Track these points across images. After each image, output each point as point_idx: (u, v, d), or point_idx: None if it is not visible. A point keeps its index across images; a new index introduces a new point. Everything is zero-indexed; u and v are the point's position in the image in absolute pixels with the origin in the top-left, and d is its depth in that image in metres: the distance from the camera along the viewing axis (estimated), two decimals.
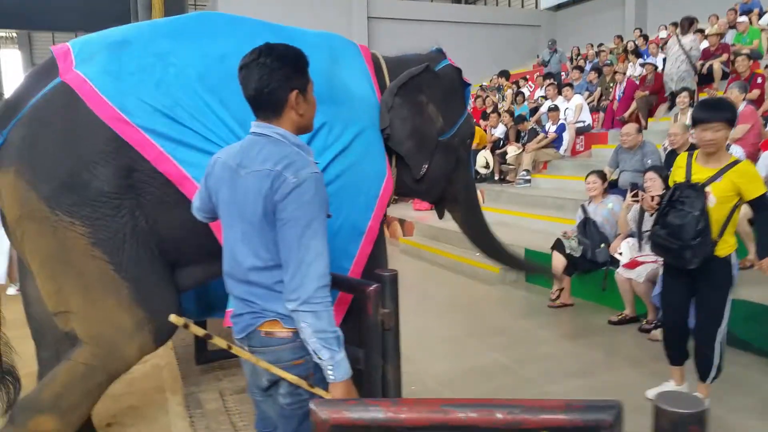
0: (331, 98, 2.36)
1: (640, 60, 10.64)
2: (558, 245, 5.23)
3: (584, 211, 5.27)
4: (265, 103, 1.64)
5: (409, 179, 2.76)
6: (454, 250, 7.15)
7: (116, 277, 2.12)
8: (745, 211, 3.25)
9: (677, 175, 3.07)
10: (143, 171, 2.14)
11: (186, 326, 1.72)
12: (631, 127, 6.13)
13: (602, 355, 4.14)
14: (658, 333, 4.27)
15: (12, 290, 5.87)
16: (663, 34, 12.33)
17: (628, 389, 3.50)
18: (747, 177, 2.91)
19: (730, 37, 9.77)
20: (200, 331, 1.75)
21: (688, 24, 8.88)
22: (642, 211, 4.72)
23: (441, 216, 3.29)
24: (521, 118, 9.63)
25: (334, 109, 2.38)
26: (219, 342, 1.75)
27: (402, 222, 8.91)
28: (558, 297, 5.27)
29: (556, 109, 9.10)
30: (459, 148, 2.92)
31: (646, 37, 12.70)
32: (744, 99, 5.94)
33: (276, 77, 1.61)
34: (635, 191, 4.80)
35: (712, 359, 3.07)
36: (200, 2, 19.40)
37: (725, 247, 2.96)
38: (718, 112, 2.91)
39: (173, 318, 1.70)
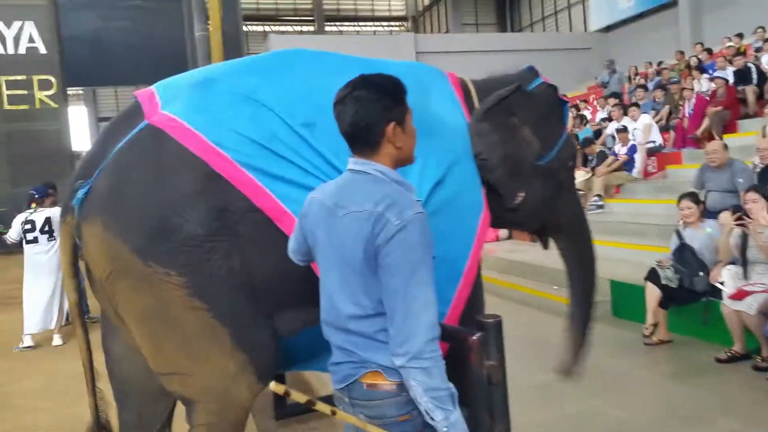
0: (422, 130, 2.17)
1: (706, 75, 10.17)
2: (652, 276, 4.83)
3: (679, 236, 4.87)
4: (362, 137, 1.55)
5: (502, 209, 2.51)
6: (527, 283, 6.81)
7: (216, 325, 1.98)
8: None
9: None
10: (236, 210, 2.00)
11: (287, 394, 1.55)
12: (717, 145, 5.74)
13: (716, 398, 3.72)
14: None
15: (58, 340, 5.89)
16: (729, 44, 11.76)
17: None
18: None
19: None
20: (302, 398, 1.56)
21: None
22: (745, 236, 4.32)
23: (545, 247, 3.01)
24: (588, 141, 9.24)
25: (427, 142, 2.17)
26: (322, 408, 1.57)
27: None
28: (653, 332, 4.85)
29: (624, 129, 8.70)
30: (560, 172, 2.67)
31: (709, 51, 12.20)
32: None
33: (372, 110, 1.51)
34: (738, 214, 4.41)
35: None
36: (253, 50, 19.98)
37: None
38: None
39: (273, 386, 1.54)
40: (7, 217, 7.82)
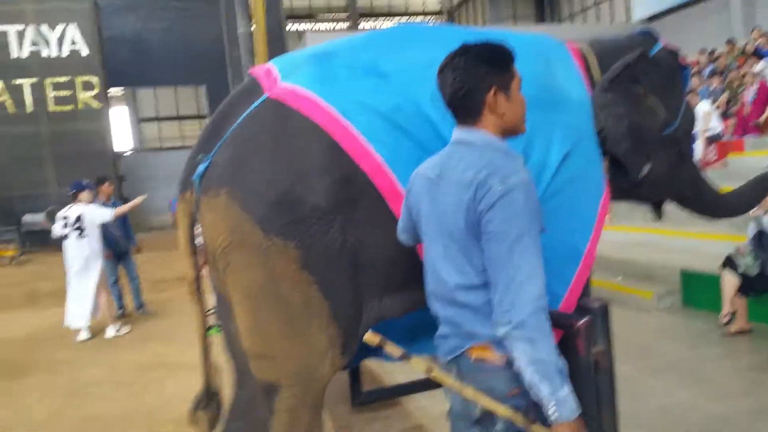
0: (548, 103, 2.10)
1: (763, 60, 9.73)
2: (729, 263, 4.60)
3: (758, 223, 4.62)
4: (462, 106, 1.52)
5: (626, 183, 2.39)
6: (596, 275, 6.56)
7: (319, 298, 1.93)
8: None
9: None
10: (359, 183, 1.93)
11: (381, 344, 1.55)
12: None
13: None
14: None
15: (111, 332, 5.90)
16: None
17: None
18: None
19: None
20: (397, 351, 1.56)
21: None
22: None
23: (659, 217, 2.90)
24: None
25: (553, 116, 2.10)
26: (418, 364, 1.55)
27: None
28: (730, 321, 4.61)
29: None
30: (682, 141, 2.54)
31: (766, 36, 11.70)
32: None
33: (469, 77, 1.48)
34: None
35: None
36: (290, 49, 20.04)
37: None
38: None
39: (369, 336, 1.56)
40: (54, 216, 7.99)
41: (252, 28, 11.33)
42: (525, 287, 1.36)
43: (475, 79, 1.48)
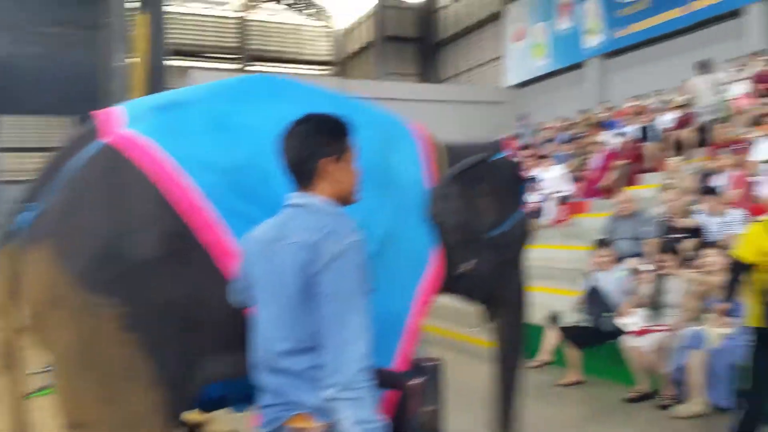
0: (376, 180, 2.19)
1: (609, 131, 10.92)
2: (553, 318, 5.01)
3: (591, 279, 5.10)
4: (299, 171, 1.60)
5: (453, 274, 2.55)
6: (443, 324, 6.85)
7: (142, 358, 1.85)
8: None
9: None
10: (190, 238, 1.90)
11: (198, 426, 1.49)
12: (627, 195, 6.13)
13: None
14: (681, 410, 4.01)
15: None
16: (629, 104, 12.72)
17: None
18: None
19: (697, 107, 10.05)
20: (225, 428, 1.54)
21: (704, 66, 9.62)
22: (656, 284, 4.58)
23: (490, 320, 3.04)
24: None
25: (377, 193, 2.20)
26: None
27: None
28: (540, 367, 5.00)
29: (533, 179, 9.12)
30: (511, 247, 2.72)
31: (612, 109, 13.15)
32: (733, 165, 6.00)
33: (308, 144, 1.58)
34: (639, 277, 4.74)
35: None
36: (173, 85, 19.52)
37: None
38: None
39: (191, 416, 1.54)
40: None
41: (131, 61, 10.95)
42: (352, 347, 1.43)
43: (313, 147, 1.58)
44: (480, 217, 2.56)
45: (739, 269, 3.09)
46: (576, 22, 18.30)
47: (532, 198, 9.01)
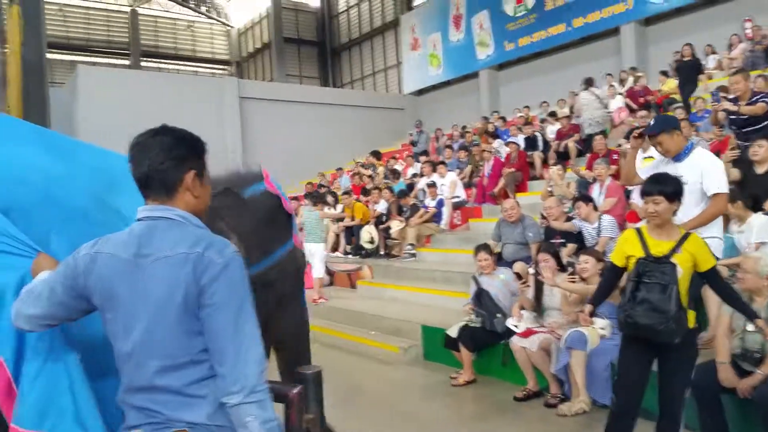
0: (86, 219, 1.98)
1: (500, 140, 11.48)
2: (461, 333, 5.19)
3: (477, 282, 5.32)
4: (159, 181, 1.54)
5: None
6: (347, 329, 6.90)
7: None
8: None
9: (634, 251, 3.06)
10: None
11: None
12: (512, 202, 6.43)
13: None
14: (566, 408, 4.28)
15: None
16: (519, 115, 13.44)
17: None
18: (702, 248, 3.01)
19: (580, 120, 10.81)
20: None
21: (588, 81, 10.52)
22: (539, 287, 4.85)
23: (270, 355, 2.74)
24: (403, 193, 9.82)
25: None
26: None
27: None
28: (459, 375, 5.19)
29: (433, 185, 9.41)
30: (282, 282, 2.52)
31: (503, 119, 13.84)
32: (608, 174, 6.50)
33: (174, 154, 1.55)
34: (524, 281, 5.01)
35: (677, 429, 3.08)
36: (58, 80, 18.21)
37: (691, 319, 3.00)
38: (657, 185, 3.03)
39: None
40: None
41: (4, 53, 10.07)
42: (251, 352, 1.45)
43: (178, 157, 1.55)
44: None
45: (611, 273, 3.33)
46: (468, 35, 19.08)
47: (429, 203, 9.30)
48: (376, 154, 14.33)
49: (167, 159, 1.53)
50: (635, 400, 3.10)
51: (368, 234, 9.43)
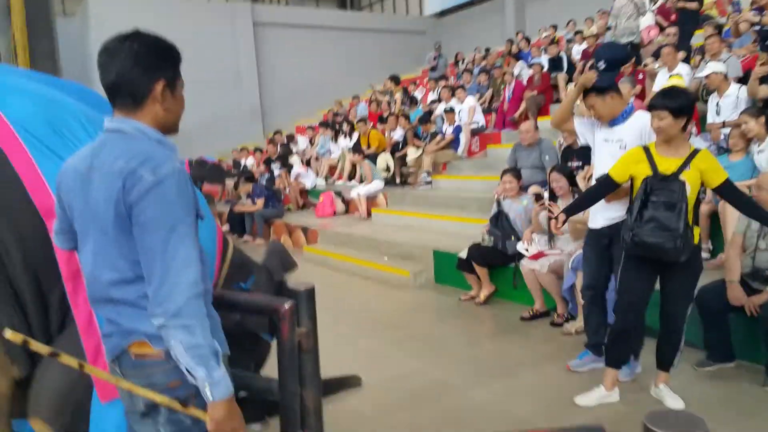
0: None
1: (523, 62, 11.06)
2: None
3: (499, 204, 5.28)
4: (126, 90, 1.48)
5: None
6: (361, 255, 6.97)
7: None
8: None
9: (640, 169, 2.96)
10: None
11: (26, 342, 1.48)
12: (529, 125, 6.25)
13: (520, 353, 4.08)
14: (570, 326, 4.30)
15: None
16: (545, 35, 12.89)
17: (553, 388, 3.46)
18: (711, 164, 2.90)
19: (606, 38, 10.31)
20: (44, 349, 1.51)
21: None
22: (551, 212, 4.77)
23: None
24: (423, 119, 9.60)
25: None
26: (68, 361, 1.51)
27: (305, 230, 8.59)
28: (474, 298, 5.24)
29: (451, 110, 9.19)
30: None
31: (528, 40, 13.28)
32: (633, 94, 6.23)
33: (144, 62, 1.47)
34: (542, 201, 4.90)
35: (679, 346, 3.09)
36: (68, 9, 17.92)
37: (696, 235, 2.94)
38: (663, 100, 2.88)
39: (9, 334, 1.46)
40: None
41: None
42: (181, 275, 1.38)
43: (149, 65, 1.47)
44: None
45: (602, 186, 3.17)
46: None
47: (447, 129, 9.11)
48: (395, 79, 13.93)
49: (135, 66, 1.45)
50: (636, 320, 3.08)
51: (384, 162, 9.33)
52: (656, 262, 2.94)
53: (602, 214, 3.35)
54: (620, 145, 3.25)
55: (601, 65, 3.30)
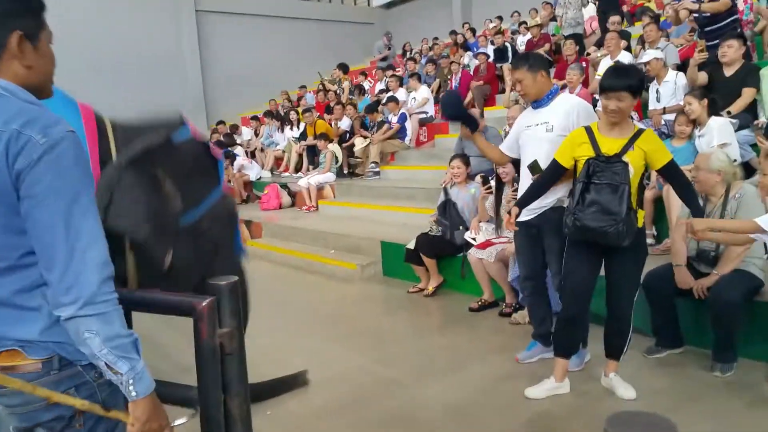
0: None
1: (470, 52, 11.02)
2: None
3: (446, 193, 5.16)
4: None
5: (155, 271, 2.19)
6: (306, 248, 6.74)
7: None
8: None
9: (582, 150, 2.84)
10: None
11: None
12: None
13: (469, 346, 3.95)
14: (519, 316, 4.21)
15: None
16: (491, 26, 12.90)
17: (503, 381, 3.35)
18: (656, 145, 2.81)
19: (550, 29, 10.38)
20: None
21: None
22: (498, 198, 4.67)
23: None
24: (371, 108, 9.42)
25: None
26: None
27: (248, 224, 8.28)
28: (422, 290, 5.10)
29: (393, 99, 9.02)
30: (212, 231, 2.41)
31: (473, 31, 13.28)
32: (580, 81, 6.22)
33: None
34: (488, 186, 4.80)
35: (627, 333, 3.00)
36: None
37: (640, 218, 2.84)
38: (624, 80, 2.74)
39: None
40: None
41: None
42: (89, 255, 1.18)
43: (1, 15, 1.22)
44: (166, 204, 2.19)
45: (550, 173, 3.06)
46: None
47: (392, 119, 8.95)
48: (343, 67, 13.68)
49: None
50: (581, 306, 2.99)
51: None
52: (599, 246, 2.85)
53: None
54: (546, 127, 3.17)
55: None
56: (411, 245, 5.09)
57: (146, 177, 2.06)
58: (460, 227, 4.97)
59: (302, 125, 10.28)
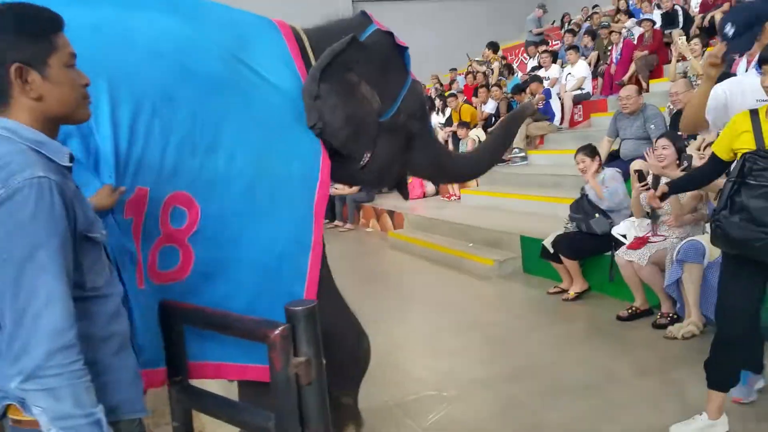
0: (237, 99, 1.96)
1: (632, 19, 9.87)
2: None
3: (582, 189, 4.63)
4: None
5: (354, 170, 2.35)
6: (445, 242, 6.49)
7: None
8: None
9: (743, 140, 2.27)
10: None
11: None
12: (630, 89, 5.47)
13: (612, 362, 3.45)
14: (676, 329, 3.61)
15: None
16: None
17: (647, 412, 2.84)
18: None
19: None
20: None
21: None
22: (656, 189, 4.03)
23: (406, 198, 2.93)
24: (518, 89, 8.85)
25: (241, 113, 1.96)
26: None
27: (392, 214, 8.25)
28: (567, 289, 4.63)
29: (537, 78, 8.38)
30: (408, 124, 2.46)
31: None
32: None
33: None
34: (645, 183, 4.12)
35: None
36: None
37: None
38: None
39: None
40: None
41: None
42: (41, 320, 1.07)
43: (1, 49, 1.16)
44: (364, 106, 2.26)
45: (709, 167, 2.52)
46: None
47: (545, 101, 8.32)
48: (493, 46, 13.07)
49: None
50: (740, 329, 2.38)
51: (476, 138, 8.72)
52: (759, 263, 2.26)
53: None
54: None
55: (729, 30, 2.43)
56: (548, 242, 4.63)
57: (341, 84, 2.17)
58: (596, 215, 4.42)
59: (448, 110, 10.00)
